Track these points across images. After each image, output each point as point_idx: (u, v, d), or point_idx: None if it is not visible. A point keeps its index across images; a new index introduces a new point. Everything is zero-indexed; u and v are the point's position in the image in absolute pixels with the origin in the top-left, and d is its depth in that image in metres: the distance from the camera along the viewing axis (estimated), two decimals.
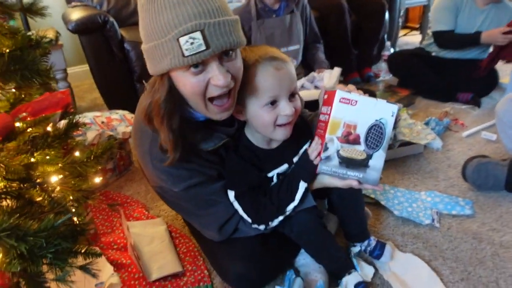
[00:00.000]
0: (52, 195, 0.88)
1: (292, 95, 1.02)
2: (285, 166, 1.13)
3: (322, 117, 1.03)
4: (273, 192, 1.10)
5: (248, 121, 1.07)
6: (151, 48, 0.85)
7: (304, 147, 1.09)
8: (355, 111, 0.98)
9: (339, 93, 0.96)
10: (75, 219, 1.01)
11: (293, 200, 1.08)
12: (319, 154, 1.01)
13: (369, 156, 1.01)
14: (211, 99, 0.91)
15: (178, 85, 0.89)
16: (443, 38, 2.56)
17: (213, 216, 1.11)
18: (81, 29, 2.13)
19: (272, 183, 1.13)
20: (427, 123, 2.16)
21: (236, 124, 1.10)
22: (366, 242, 1.33)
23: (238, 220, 1.13)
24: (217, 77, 0.85)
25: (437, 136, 1.98)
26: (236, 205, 1.10)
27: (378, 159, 1.02)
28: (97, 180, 1.20)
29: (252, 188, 1.10)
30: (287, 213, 1.10)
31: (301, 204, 1.10)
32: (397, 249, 1.38)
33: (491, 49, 2.61)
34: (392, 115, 1.00)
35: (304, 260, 1.30)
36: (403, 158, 1.95)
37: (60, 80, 2.31)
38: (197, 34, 0.79)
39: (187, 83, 0.87)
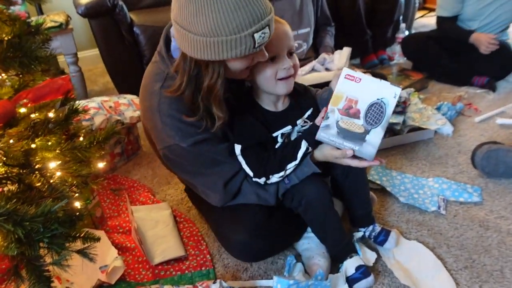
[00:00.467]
0: (51, 180, 0.89)
1: (290, 54, 1.13)
2: (288, 127, 1.20)
3: None
4: (278, 150, 1.18)
5: (254, 81, 1.16)
6: (219, 41, 0.93)
7: (308, 112, 1.22)
8: (358, 87, 1.04)
9: (345, 70, 1.05)
10: (77, 204, 1.04)
11: (295, 158, 1.14)
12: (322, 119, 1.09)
13: (367, 131, 1.05)
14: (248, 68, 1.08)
15: (229, 65, 1.02)
16: (442, 26, 2.55)
17: (218, 174, 1.16)
18: (90, 12, 2.13)
19: (277, 144, 1.20)
20: (438, 108, 2.11)
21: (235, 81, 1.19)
22: (371, 227, 1.33)
23: (243, 178, 1.18)
24: (262, 57, 1.04)
25: (448, 122, 1.94)
26: (241, 159, 1.16)
27: (375, 135, 1.05)
28: (101, 165, 1.21)
29: (259, 144, 1.17)
30: (287, 171, 1.15)
31: (301, 166, 1.16)
32: (402, 236, 1.37)
33: (508, 34, 2.53)
34: (395, 97, 1.03)
35: (308, 244, 1.31)
36: (412, 144, 1.92)
37: (71, 64, 2.34)
38: (267, 29, 0.95)
39: (240, 63, 1.02)
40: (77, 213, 0.90)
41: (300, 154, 1.13)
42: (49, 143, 0.99)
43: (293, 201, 1.21)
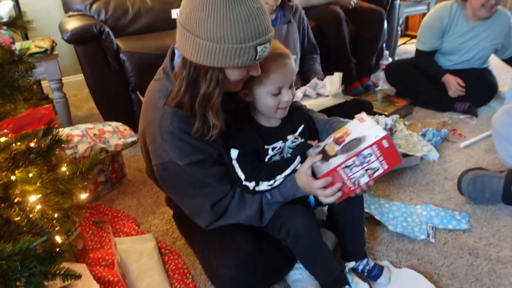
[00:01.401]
0: (31, 215, 0.86)
1: (290, 86, 1.20)
2: (280, 142, 1.25)
3: None
4: (273, 162, 1.23)
5: (253, 102, 1.21)
6: (223, 48, 0.97)
7: (300, 129, 1.28)
8: (357, 125, 1.15)
9: (362, 114, 1.19)
10: (57, 238, 1.00)
11: (285, 169, 1.18)
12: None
13: (335, 155, 1.12)
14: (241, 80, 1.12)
15: (227, 74, 1.05)
16: (419, 60, 2.63)
17: (207, 195, 1.16)
18: (76, 39, 2.11)
19: (267, 156, 1.23)
20: (424, 134, 2.13)
21: (234, 101, 1.24)
22: (364, 261, 1.31)
23: (230, 200, 1.19)
24: (255, 71, 1.08)
25: (434, 148, 1.95)
26: (235, 163, 1.18)
27: (336, 160, 1.11)
28: (84, 196, 1.18)
29: (254, 151, 1.21)
30: (277, 181, 1.18)
31: (285, 182, 1.18)
32: (392, 266, 1.35)
33: (489, 61, 2.60)
34: (375, 137, 1.08)
35: (300, 275, 1.28)
36: (399, 170, 1.92)
37: (55, 90, 2.30)
38: (268, 44, 1.02)
39: (237, 74, 1.06)
40: (58, 249, 0.86)
41: (291, 168, 1.18)
42: (30, 175, 0.96)
43: (280, 232, 1.19)
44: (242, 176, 1.18)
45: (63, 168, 1.12)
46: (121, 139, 1.81)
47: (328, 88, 2.06)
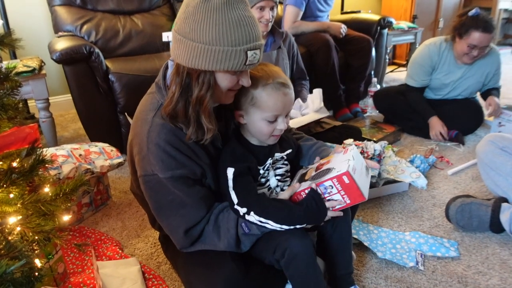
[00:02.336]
0: (9, 237, 0.82)
1: (286, 115, 1.22)
2: (269, 160, 1.25)
3: None
4: (274, 200, 1.18)
5: (245, 125, 1.22)
6: (214, 50, 1.01)
7: (287, 151, 1.29)
8: (339, 155, 1.21)
9: (352, 147, 1.24)
10: (37, 261, 0.96)
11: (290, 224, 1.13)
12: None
13: (306, 181, 1.20)
14: (230, 90, 1.14)
15: (217, 79, 1.08)
16: (409, 96, 2.63)
17: (182, 218, 1.15)
18: (65, 59, 2.10)
19: (259, 176, 1.25)
20: (412, 161, 2.14)
21: (223, 119, 1.25)
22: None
23: (204, 225, 1.17)
24: (246, 81, 1.11)
25: (422, 175, 1.96)
26: (230, 184, 1.16)
27: (303, 185, 1.17)
28: (66, 218, 1.14)
29: (249, 171, 1.20)
30: (267, 225, 1.13)
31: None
32: None
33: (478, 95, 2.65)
34: (337, 172, 1.11)
35: None
36: (387, 196, 1.92)
37: (42, 109, 2.27)
38: (258, 51, 1.06)
39: (227, 80, 1.09)
40: (37, 273, 0.83)
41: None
42: (11, 196, 0.92)
43: (275, 252, 1.15)
44: (235, 199, 1.15)
45: (46, 189, 1.09)
46: (107, 160, 1.78)
47: (311, 106, 2.09)
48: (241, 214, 1.14)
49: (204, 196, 1.16)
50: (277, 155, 1.27)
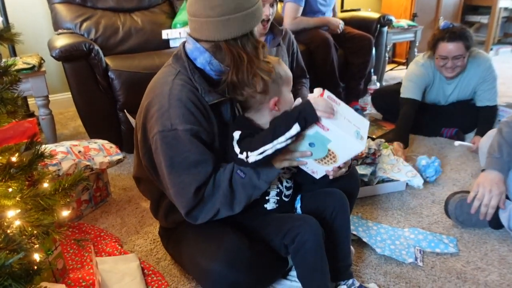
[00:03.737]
0: (8, 230, 0.82)
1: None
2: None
3: None
4: (270, 126, 1.17)
5: (275, 109, 1.24)
6: (242, 16, 1.12)
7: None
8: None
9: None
10: (36, 256, 0.96)
11: (282, 134, 1.10)
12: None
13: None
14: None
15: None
16: (401, 108, 2.52)
17: (194, 177, 1.16)
18: (64, 56, 2.10)
19: None
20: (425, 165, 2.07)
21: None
22: (350, 281, 1.29)
23: (210, 182, 1.19)
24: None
25: (418, 174, 1.96)
26: (235, 144, 1.16)
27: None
28: (65, 213, 1.14)
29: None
30: (267, 150, 1.10)
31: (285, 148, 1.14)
32: None
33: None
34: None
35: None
36: (386, 194, 1.92)
37: (41, 106, 2.27)
38: None
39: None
40: (35, 267, 0.83)
41: (289, 135, 1.09)
42: (10, 190, 0.93)
43: (285, 237, 1.17)
44: (237, 149, 1.15)
45: (45, 184, 1.09)
46: (106, 157, 1.78)
47: None
48: (245, 160, 1.13)
49: (213, 159, 1.19)
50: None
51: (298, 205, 1.35)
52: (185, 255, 1.31)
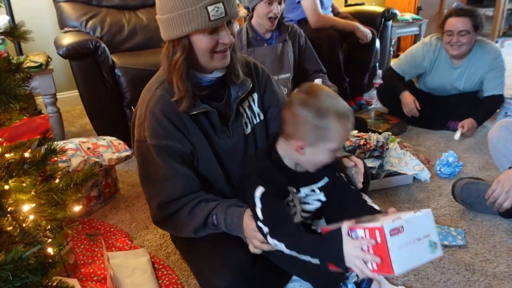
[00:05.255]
0: (24, 224, 0.84)
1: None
2: (303, 190, 1.19)
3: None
4: (306, 234, 1.06)
5: (299, 153, 1.11)
6: (178, 16, 1.07)
7: (322, 183, 1.21)
8: (406, 213, 0.96)
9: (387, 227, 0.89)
10: (50, 250, 0.97)
11: (304, 253, 1.03)
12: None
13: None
14: (216, 52, 1.17)
15: (195, 44, 1.13)
16: (385, 73, 2.70)
17: (160, 190, 1.20)
18: (71, 54, 2.12)
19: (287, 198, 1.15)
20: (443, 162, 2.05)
21: (224, 100, 1.27)
22: (354, 273, 1.29)
23: (181, 207, 1.19)
24: (226, 38, 1.13)
25: (425, 168, 1.96)
26: (257, 202, 1.09)
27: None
28: (77, 208, 1.16)
29: (279, 193, 1.12)
30: (284, 249, 1.05)
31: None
32: (388, 283, 1.33)
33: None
34: (375, 224, 0.93)
35: (300, 287, 1.28)
36: (393, 187, 1.92)
37: (49, 104, 2.29)
38: (220, 5, 1.07)
39: (203, 41, 1.12)
40: (50, 260, 0.84)
41: (309, 259, 1.03)
42: (24, 185, 0.94)
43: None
44: (260, 215, 1.08)
45: (57, 180, 1.10)
46: (115, 153, 1.80)
47: None
48: (264, 232, 1.07)
49: (187, 175, 1.20)
50: (304, 190, 1.19)
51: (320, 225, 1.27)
52: (191, 260, 1.34)
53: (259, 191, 1.09)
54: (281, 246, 1.05)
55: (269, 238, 1.06)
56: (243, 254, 1.16)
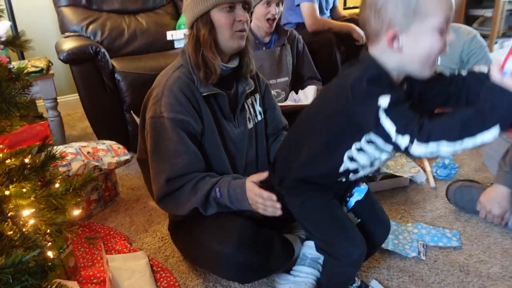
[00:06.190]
0: (24, 229, 0.86)
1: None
2: None
3: None
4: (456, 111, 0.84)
5: (394, 49, 0.89)
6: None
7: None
8: None
9: None
10: (50, 253, 1.00)
11: (472, 133, 0.79)
12: None
13: None
14: (235, 32, 1.27)
15: (215, 20, 1.25)
16: None
17: (171, 166, 1.24)
18: (72, 59, 2.15)
19: None
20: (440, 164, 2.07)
21: (233, 87, 1.38)
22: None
23: (185, 182, 1.24)
24: (241, 16, 1.26)
25: (421, 170, 1.98)
26: (382, 115, 0.85)
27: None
28: (76, 212, 1.18)
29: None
30: (444, 148, 0.81)
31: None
32: (381, 286, 1.35)
33: None
34: None
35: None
36: (389, 189, 1.94)
37: (50, 109, 2.32)
38: None
39: (223, 17, 1.24)
40: (50, 263, 0.86)
41: (477, 141, 0.79)
42: (24, 190, 0.96)
43: (327, 244, 1.15)
44: (392, 127, 0.84)
45: (57, 185, 1.13)
46: (114, 157, 1.82)
47: (304, 102, 2.12)
48: (403, 147, 0.85)
49: (195, 153, 1.26)
50: None
51: (352, 200, 1.23)
52: (196, 244, 1.35)
53: (385, 98, 0.85)
54: (441, 145, 0.81)
55: (414, 148, 0.83)
56: (246, 222, 1.23)
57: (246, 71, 1.38)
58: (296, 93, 2.23)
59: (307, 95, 2.16)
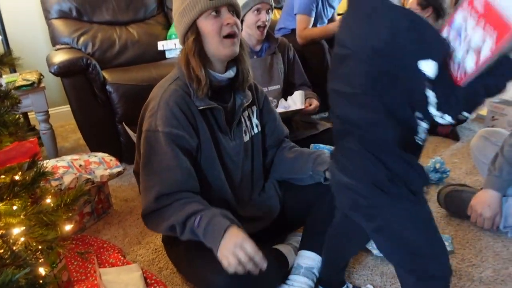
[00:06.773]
0: (14, 247, 0.86)
1: None
2: None
3: None
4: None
5: None
6: (185, 7, 1.24)
7: None
8: None
9: None
10: (41, 269, 1.00)
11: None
12: None
13: None
14: (224, 38, 1.26)
15: (202, 29, 1.25)
16: None
17: (162, 181, 1.21)
18: (63, 72, 2.15)
19: None
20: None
21: (230, 100, 1.36)
22: (344, 287, 1.32)
23: (175, 199, 1.20)
24: (228, 19, 1.24)
25: None
26: (429, 87, 0.85)
27: None
28: (68, 227, 1.18)
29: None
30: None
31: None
32: None
33: None
34: None
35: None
36: None
37: (42, 121, 2.31)
38: None
39: (209, 24, 1.24)
40: (41, 281, 0.87)
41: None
42: (14, 208, 0.96)
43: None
44: (434, 99, 0.84)
45: (48, 200, 1.13)
46: (107, 169, 1.82)
47: (293, 107, 2.13)
48: (450, 119, 0.86)
49: (189, 170, 1.24)
50: None
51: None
52: (189, 268, 1.34)
53: (431, 64, 0.82)
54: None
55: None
56: None
57: (243, 81, 1.35)
58: (286, 100, 2.24)
59: (295, 100, 2.17)
